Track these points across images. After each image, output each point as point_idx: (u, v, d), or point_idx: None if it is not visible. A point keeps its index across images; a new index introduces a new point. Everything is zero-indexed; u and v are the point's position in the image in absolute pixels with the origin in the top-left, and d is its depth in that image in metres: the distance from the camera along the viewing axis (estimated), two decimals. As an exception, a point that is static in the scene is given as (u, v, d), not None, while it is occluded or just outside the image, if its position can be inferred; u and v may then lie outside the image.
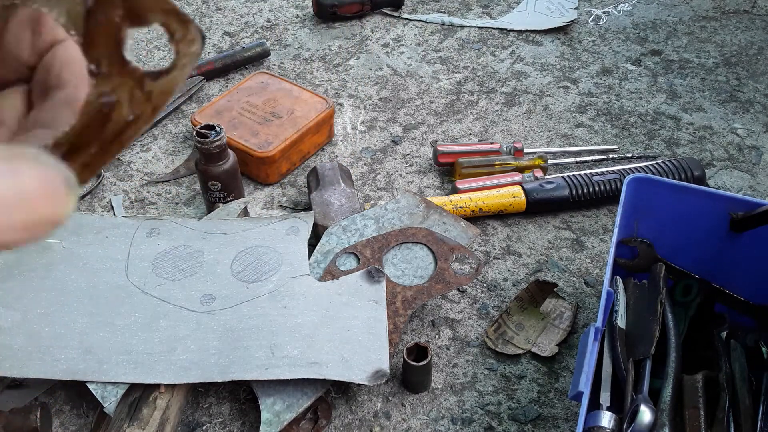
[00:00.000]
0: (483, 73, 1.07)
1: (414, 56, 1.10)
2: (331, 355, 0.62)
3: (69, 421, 0.64)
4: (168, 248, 0.71)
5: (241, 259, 0.70)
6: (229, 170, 0.76)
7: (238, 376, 0.60)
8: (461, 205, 0.81)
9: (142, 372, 0.60)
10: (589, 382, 0.51)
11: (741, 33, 1.16)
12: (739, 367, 0.58)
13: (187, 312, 0.65)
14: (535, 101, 1.02)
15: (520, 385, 0.67)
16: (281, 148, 0.84)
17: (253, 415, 0.64)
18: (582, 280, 0.77)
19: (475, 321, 0.72)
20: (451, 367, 0.68)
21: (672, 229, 0.67)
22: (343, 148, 0.93)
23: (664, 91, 1.04)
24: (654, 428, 0.53)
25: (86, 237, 0.71)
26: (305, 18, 1.19)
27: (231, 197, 0.78)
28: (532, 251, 0.80)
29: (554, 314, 0.73)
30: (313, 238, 0.74)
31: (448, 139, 0.95)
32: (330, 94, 1.02)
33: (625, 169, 0.85)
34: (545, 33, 1.16)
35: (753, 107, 1.01)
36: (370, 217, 0.74)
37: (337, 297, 0.67)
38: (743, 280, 0.66)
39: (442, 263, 0.70)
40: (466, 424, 0.64)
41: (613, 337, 0.61)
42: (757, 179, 0.89)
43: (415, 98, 1.02)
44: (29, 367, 0.60)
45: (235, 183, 0.78)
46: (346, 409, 0.65)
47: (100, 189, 0.87)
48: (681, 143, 0.95)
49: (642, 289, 0.65)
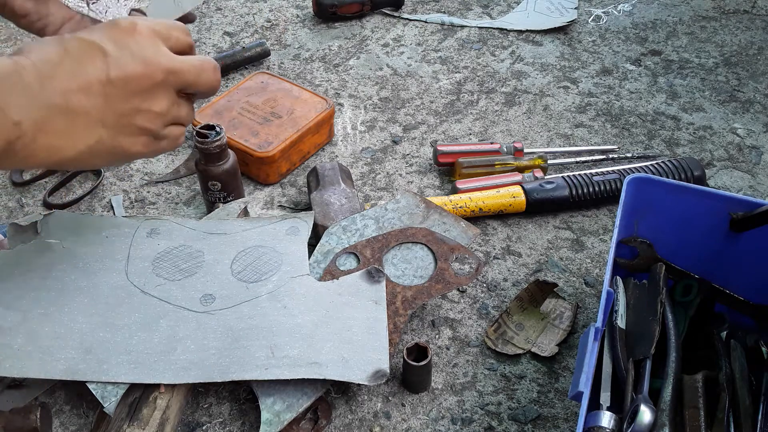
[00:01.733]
0: (483, 73, 1.07)
1: (414, 56, 1.10)
2: (331, 355, 0.62)
3: (69, 421, 0.64)
4: (168, 248, 0.71)
5: (241, 259, 0.70)
6: (229, 170, 0.76)
7: (238, 376, 0.60)
8: (461, 205, 0.81)
9: (142, 372, 0.60)
10: (589, 382, 0.51)
11: (741, 33, 1.16)
12: (739, 367, 0.58)
13: (187, 312, 0.65)
14: (535, 101, 1.02)
15: (520, 385, 0.67)
16: (281, 148, 0.84)
17: (253, 415, 0.64)
18: (582, 280, 0.77)
19: (475, 321, 0.72)
20: (451, 367, 0.68)
21: (672, 229, 0.67)
22: (343, 148, 0.93)
23: (664, 91, 1.04)
24: (654, 428, 0.53)
25: (86, 237, 0.71)
26: (305, 18, 1.19)
27: (231, 197, 0.78)
28: (532, 251, 0.80)
29: (554, 314, 0.73)
30: (313, 238, 0.74)
31: (448, 139, 0.95)
32: (330, 94, 1.02)
33: (625, 169, 0.85)
34: (545, 33, 1.16)
35: (753, 107, 1.01)
36: (370, 217, 0.74)
37: (337, 297, 0.67)
38: (743, 280, 0.66)
39: (442, 263, 0.70)
40: (466, 424, 0.64)
41: (613, 337, 0.61)
42: (757, 179, 0.89)
43: (415, 98, 1.02)
44: (29, 367, 0.60)
45: (235, 183, 0.78)
46: (346, 409, 0.65)
47: (100, 189, 0.87)
48: (681, 143, 0.95)
49: (642, 289, 0.65)
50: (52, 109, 0.45)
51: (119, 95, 0.48)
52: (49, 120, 0.45)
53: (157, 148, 0.54)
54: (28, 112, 0.44)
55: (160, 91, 0.50)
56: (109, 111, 0.48)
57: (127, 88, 0.48)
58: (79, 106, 0.47)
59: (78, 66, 0.47)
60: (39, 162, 0.47)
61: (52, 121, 0.46)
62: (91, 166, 0.52)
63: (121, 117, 0.49)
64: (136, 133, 0.51)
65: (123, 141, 0.50)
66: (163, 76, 0.50)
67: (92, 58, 0.47)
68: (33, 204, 0.85)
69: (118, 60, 0.48)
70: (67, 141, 0.47)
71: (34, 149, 0.46)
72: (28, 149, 0.45)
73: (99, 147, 0.49)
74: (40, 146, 0.46)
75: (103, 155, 0.50)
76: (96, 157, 0.50)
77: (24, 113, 0.44)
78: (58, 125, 0.46)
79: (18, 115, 0.43)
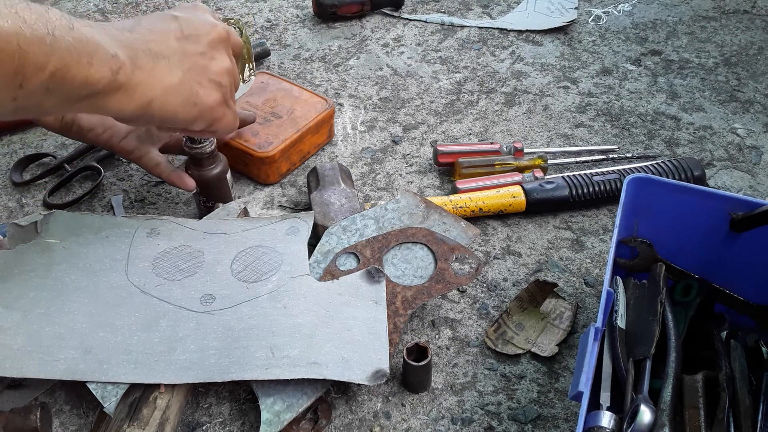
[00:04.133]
0: (483, 73, 1.07)
1: (414, 56, 1.10)
2: (331, 355, 0.62)
3: (69, 421, 0.64)
4: (168, 248, 0.71)
5: (241, 259, 0.70)
6: (217, 175, 0.76)
7: (238, 376, 0.60)
8: (461, 205, 0.81)
9: (142, 372, 0.60)
10: (589, 382, 0.51)
11: (741, 33, 1.16)
12: (739, 367, 0.58)
13: (187, 312, 0.65)
14: (535, 101, 1.02)
15: (520, 385, 0.67)
16: (281, 148, 0.84)
17: (253, 415, 0.64)
18: (582, 280, 0.77)
19: (475, 321, 0.72)
20: (451, 367, 0.68)
21: (672, 229, 0.67)
22: (343, 148, 0.93)
23: (664, 91, 1.04)
24: (654, 428, 0.53)
25: (86, 237, 0.71)
26: (305, 18, 1.19)
27: (211, 203, 0.78)
28: (532, 251, 0.80)
29: (554, 314, 0.73)
30: (313, 238, 0.74)
31: (448, 139, 0.95)
32: (330, 94, 1.02)
33: (625, 169, 0.85)
34: (545, 33, 1.16)
35: (753, 107, 1.01)
36: (370, 217, 0.74)
37: (337, 297, 0.67)
38: (743, 280, 0.66)
39: (442, 263, 0.70)
40: (466, 424, 0.64)
41: (613, 337, 0.61)
42: (757, 179, 0.89)
43: (415, 98, 1.02)
44: (29, 367, 0.60)
45: (220, 191, 0.78)
46: (346, 409, 0.65)
47: (100, 189, 0.87)
48: (681, 143, 0.95)
49: (642, 289, 0.65)
50: (138, 51, 0.52)
51: (193, 47, 0.57)
52: (138, 58, 0.52)
53: (225, 113, 0.61)
54: (120, 48, 0.50)
55: (223, 47, 0.60)
56: (186, 58, 0.56)
57: (199, 41, 0.57)
58: (160, 51, 0.54)
59: (155, 24, 0.56)
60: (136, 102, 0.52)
61: (140, 59, 0.52)
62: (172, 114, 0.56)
63: (196, 64, 0.57)
64: (210, 85, 0.58)
65: (200, 89, 0.57)
66: (225, 33, 0.60)
67: (166, 21, 0.57)
68: (33, 204, 0.85)
69: (189, 21, 0.57)
70: (154, 78, 0.53)
71: (133, 85, 0.51)
72: (130, 83, 0.51)
73: (180, 89, 0.56)
74: (137, 81, 0.51)
75: (185, 97, 0.56)
76: (179, 96, 0.56)
77: (117, 48, 0.50)
78: (146, 63, 0.52)
79: (113, 48, 0.49)
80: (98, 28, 0.49)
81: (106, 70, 0.48)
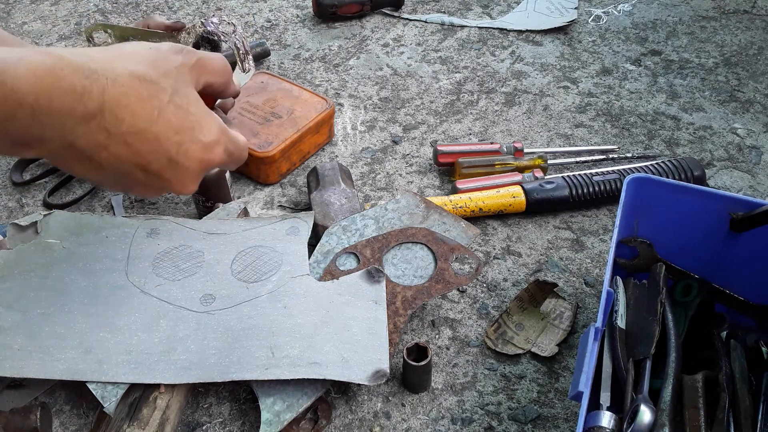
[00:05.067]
0: (483, 73, 1.07)
1: (414, 56, 1.10)
2: (331, 355, 0.62)
3: (69, 421, 0.64)
4: (168, 248, 0.71)
5: (241, 259, 0.70)
6: (216, 175, 0.76)
7: (238, 376, 0.60)
8: (461, 205, 0.81)
9: (142, 372, 0.60)
10: (589, 382, 0.51)
11: (741, 33, 1.16)
12: (739, 367, 0.58)
13: (187, 312, 0.65)
14: (535, 101, 1.02)
15: (520, 385, 0.67)
16: (281, 148, 0.84)
17: (253, 415, 0.64)
18: (582, 280, 0.77)
19: (475, 321, 0.72)
20: (451, 367, 0.68)
21: (672, 229, 0.67)
22: (343, 148, 0.93)
23: (664, 91, 1.04)
24: (654, 428, 0.53)
25: (86, 237, 0.71)
26: (305, 18, 1.19)
27: (210, 203, 0.78)
28: (532, 251, 0.80)
29: (554, 314, 0.73)
30: (313, 238, 0.74)
31: (448, 139, 0.95)
32: (330, 94, 1.02)
33: (625, 169, 0.85)
34: (545, 33, 1.16)
35: (753, 107, 1.01)
36: (370, 217, 0.74)
37: (337, 297, 0.67)
38: (743, 280, 0.66)
39: (442, 263, 0.70)
40: (466, 424, 0.64)
41: (613, 337, 0.61)
42: (757, 179, 0.89)
43: (415, 98, 1.02)
44: (29, 367, 0.60)
45: (219, 191, 0.77)
46: (346, 409, 0.65)
47: (100, 189, 0.87)
48: (681, 143, 0.95)
49: (642, 289, 0.65)
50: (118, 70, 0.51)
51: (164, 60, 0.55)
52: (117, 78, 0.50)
53: (230, 137, 0.60)
54: (100, 65, 0.49)
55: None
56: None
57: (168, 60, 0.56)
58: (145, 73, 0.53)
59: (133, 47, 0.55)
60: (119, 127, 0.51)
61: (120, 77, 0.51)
62: (165, 139, 0.54)
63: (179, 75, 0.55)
64: None
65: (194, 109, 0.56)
66: (196, 57, 0.58)
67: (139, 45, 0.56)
68: (33, 204, 0.85)
69: None
70: (139, 102, 0.52)
71: (115, 104, 0.50)
72: (110, 102, 0.49)
73: (169, 111, 0.54)
74: (113, 96, 0.50)
75: (174, 121, 0.54)
76: (169, 120, 0.53)
77: (97, 66, 0.49)
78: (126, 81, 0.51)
79: (94, 64, 0.49)
80: (78, 50, 0.50)
81: (80, 76, 0.48)
